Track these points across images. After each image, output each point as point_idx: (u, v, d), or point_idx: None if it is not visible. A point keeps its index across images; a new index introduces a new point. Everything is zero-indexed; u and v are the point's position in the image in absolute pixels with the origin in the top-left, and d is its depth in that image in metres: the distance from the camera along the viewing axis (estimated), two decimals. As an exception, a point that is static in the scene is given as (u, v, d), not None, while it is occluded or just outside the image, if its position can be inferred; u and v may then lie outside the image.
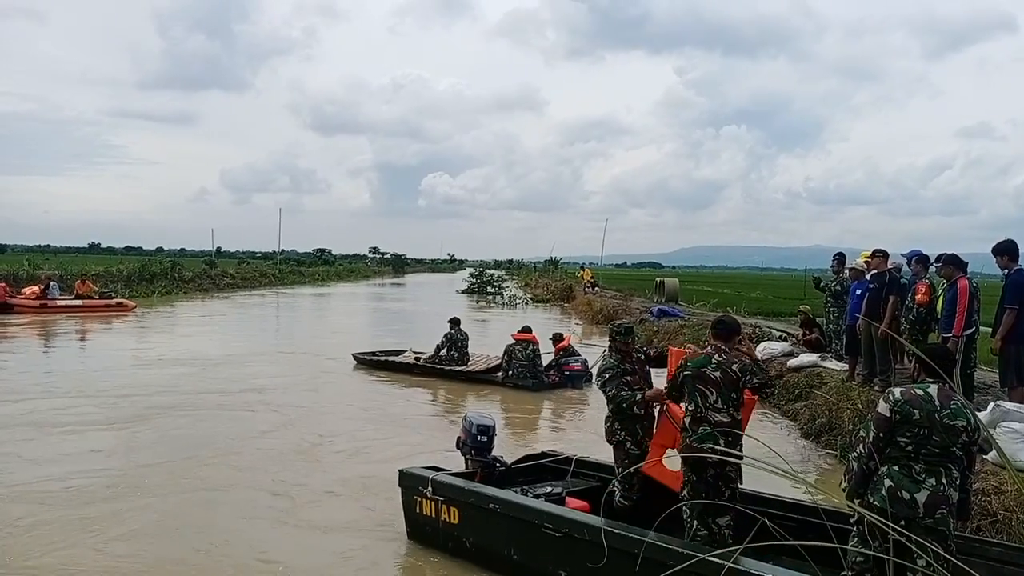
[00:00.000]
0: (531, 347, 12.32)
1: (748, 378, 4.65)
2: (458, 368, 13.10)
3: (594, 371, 12.38)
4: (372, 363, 14.16)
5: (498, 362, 12.75)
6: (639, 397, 5.33)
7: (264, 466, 7.62)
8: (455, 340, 13.41)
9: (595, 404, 11.23)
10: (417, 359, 13.83)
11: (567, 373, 12.51)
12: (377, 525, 5.96)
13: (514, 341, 12.46)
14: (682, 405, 4.83)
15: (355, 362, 14.38)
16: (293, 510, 6.34)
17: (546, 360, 12.77)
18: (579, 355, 13.02)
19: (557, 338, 13.13)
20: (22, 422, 9.20)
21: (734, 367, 4.64)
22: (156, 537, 5.67)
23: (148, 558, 5.30)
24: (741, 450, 4.66)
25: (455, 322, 13.75)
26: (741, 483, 4.74)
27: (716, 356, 4.67)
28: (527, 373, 12.15)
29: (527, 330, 12.71)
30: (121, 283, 32.69)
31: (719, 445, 4.47)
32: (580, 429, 10.18)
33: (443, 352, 13.37)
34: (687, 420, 4.68)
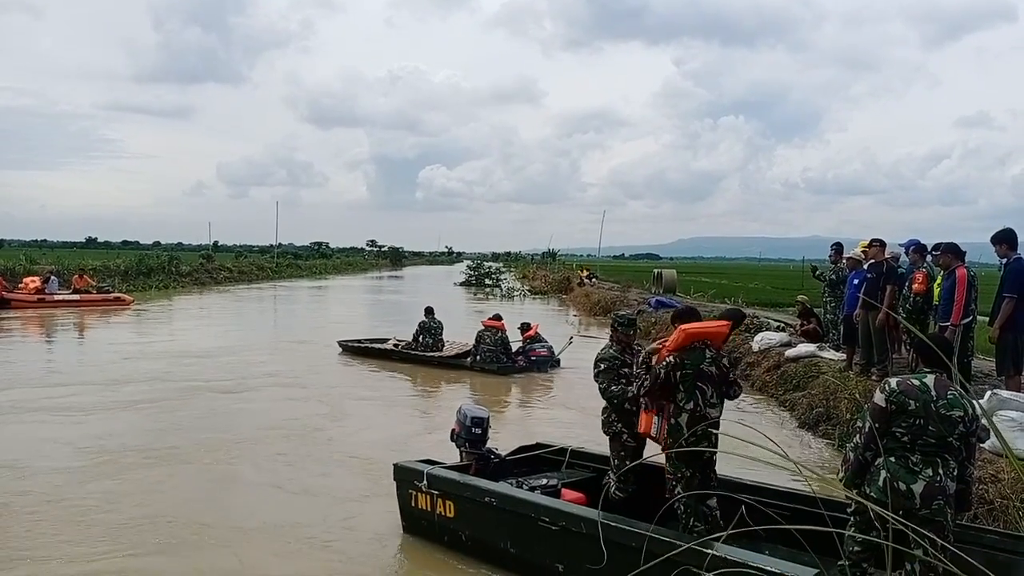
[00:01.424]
0: (499, 334, 13.01)
1: (734, 369, 4.64)
2: (431, 354, 13.79)
3: (561, 358, 13.36)
4: (356, 350, 14.86)
5: (468, 348, 13.40)
6: (630, 393, 5.22)
7: (257, 454, 7.72)
8: (428, 328, 14.13)
9: (561, 387, 12.07)
10: (396, 346, 14.56)
11: (533, 359, 13.16)
12: (372, 519, 5.93)
13: (483, 328, 13.16)
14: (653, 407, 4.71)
15: (340, 349, 15.07)
16: (291, 506, 6.31)
17: (516, 348, 13.46)
18: (545, 342, 13.58)
19: (525, 327, 13.75)
20: (41, 407, 9.71)
21: (724, 360, 4.67)
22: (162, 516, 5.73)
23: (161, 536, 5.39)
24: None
25: (429, 311, 14.45)
26: None
27: (707, 351, 4.62)
28: (494, 358, 12.82)
29: (497, 318, 13.40)
30: (118, 277, 32.61)
31: (711, 441, 4.54)
32: (548, 407, 10.72)
33: (419, 339, 14.12)
34: (684, 419, 4.56)
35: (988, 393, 6.58)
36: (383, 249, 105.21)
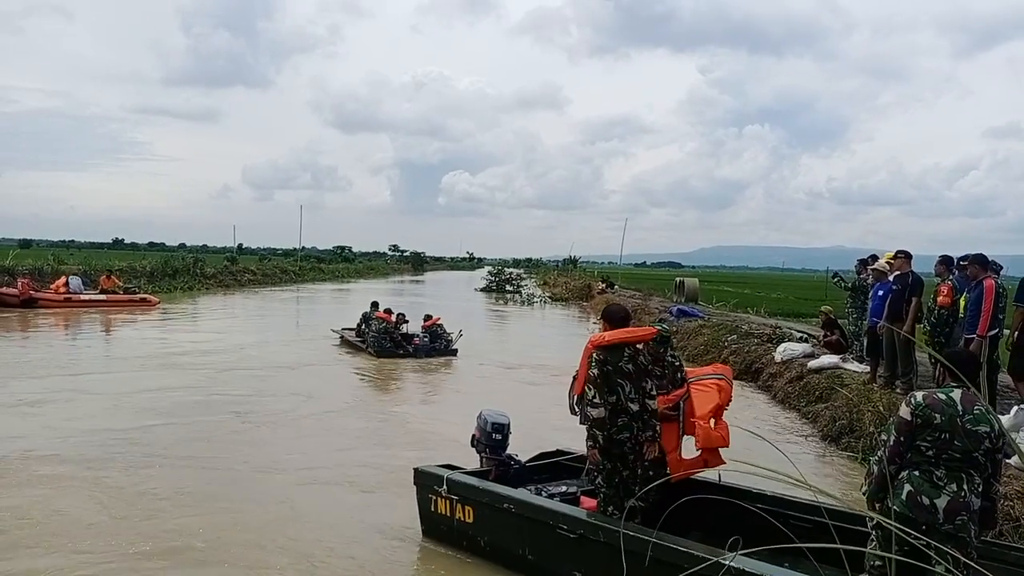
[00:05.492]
0: (383, 324, 15.62)
1: (657, 366, 5.13)
2: (353, 339, 16.63)
3: (458, 347, 15.52)
4: (342, 337, 17.49)
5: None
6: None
7: (271, 454, 7.84)
8: (368, 319, 16.32)
9: (428, 371, 14.13)
10: (355, 333, 16.94)
11: (412, 347, 15.54)
12: (390, 522, 5.96)
13: (375, 319, 15.82)
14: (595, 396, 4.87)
15: (335, 335, 17.65)
16: (307, 505, 6.36)
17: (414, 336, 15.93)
18: (440, 334, 15.87)
19: (426, 318, 16.33)
20: (86, 391, 10.56)
21: (641, 358, 4.99)
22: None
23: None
24: (655, 431, 4.95)
25: (374, 305, 16.76)
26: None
27: (625, 349, 4.91)
28: (376, 343, 15.38)
29: (388, 311, 15.97)
30: (144, 278, 32.98)
31: (632, 432, 4.83)
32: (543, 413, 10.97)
33: (359, 328, 16.66)
34: (607, 413, 4.80)
35: (1015, 408, 6.49)
36: (405, 254, 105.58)
